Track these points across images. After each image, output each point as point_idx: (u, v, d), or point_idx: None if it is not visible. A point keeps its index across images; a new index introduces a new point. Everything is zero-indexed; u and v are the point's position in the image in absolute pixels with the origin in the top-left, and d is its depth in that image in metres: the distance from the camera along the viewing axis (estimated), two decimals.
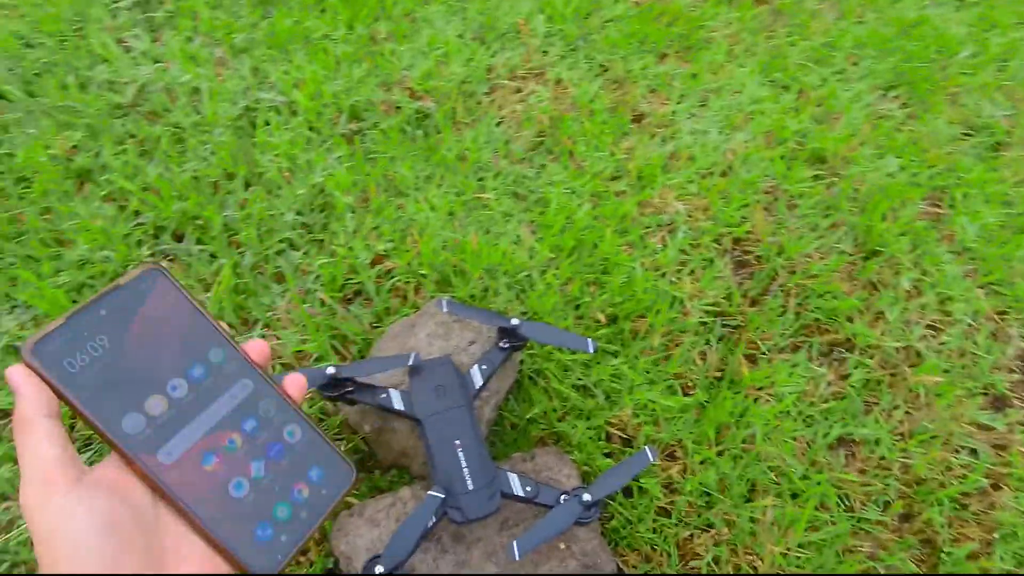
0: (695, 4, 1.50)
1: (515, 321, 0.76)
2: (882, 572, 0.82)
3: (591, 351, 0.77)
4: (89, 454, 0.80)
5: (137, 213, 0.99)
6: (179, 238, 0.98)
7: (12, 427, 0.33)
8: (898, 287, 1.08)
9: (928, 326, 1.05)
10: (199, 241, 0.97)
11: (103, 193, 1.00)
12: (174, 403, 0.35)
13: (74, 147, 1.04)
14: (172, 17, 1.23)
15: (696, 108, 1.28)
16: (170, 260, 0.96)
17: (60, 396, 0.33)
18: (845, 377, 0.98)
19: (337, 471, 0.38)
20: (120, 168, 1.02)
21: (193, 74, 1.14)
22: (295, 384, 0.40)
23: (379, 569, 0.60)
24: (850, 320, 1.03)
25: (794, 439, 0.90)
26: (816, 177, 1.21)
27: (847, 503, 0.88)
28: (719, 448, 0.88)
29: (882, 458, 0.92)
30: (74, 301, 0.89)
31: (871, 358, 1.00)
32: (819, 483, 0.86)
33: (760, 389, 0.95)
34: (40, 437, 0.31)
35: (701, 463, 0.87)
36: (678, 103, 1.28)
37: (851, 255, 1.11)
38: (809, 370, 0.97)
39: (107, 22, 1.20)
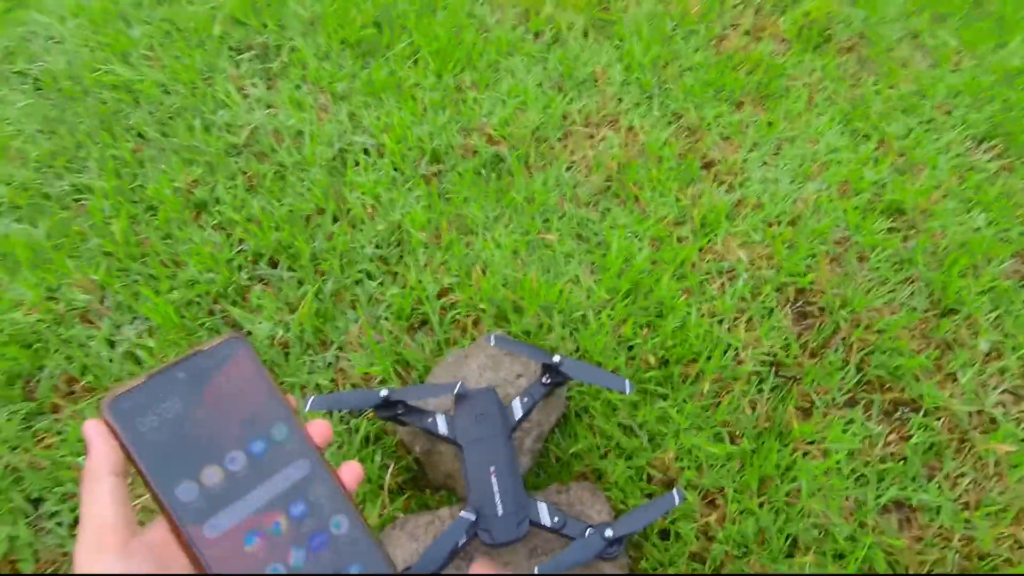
0: (778, 51, 1.50)
1: (557, 358, 0.80)
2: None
3: (627, 392, 0.81)
4: None
5: (240, 241, 1.12)
6: (273, 264, 1.10)
7: (81, 478, 0.35)
8: (975, 348, 1.03)
9: (1006, 392, 1.00)
10: (290, 268, 1.09)
11: (214, 222, 1.15)
12: (229, 476, 0.35)
13: (194, 181, 1.20)
14: (285, 67, 1.39)
15: (769, 156, 1.29)
16: (264, 284, 1.08)
17: (127, 454, 0.34)
18: (906, 438, 0.95)
19: (377, 570, 0.36)
20: (230, 201, 1.16)
21: (298, 118, 1.28)
22: (352, 472, 0.39)
23: None
24: (917, 379, 1.00)
25: (843, 498, 0.89)
26: (891, 230, 1.18)
27: (897, 569, 0.85)
28: (761, 499, 0.88)
29: (941, 527, 0.88)
30: (182, 316, 1.03)
31: (937, 420, 0.96)
32: (867, 546, 0.84)
33: (810, 444, 0.94)
34: (103, 494, 0.33)
35: (741, 513, 0.87)
36: (750, 151, 1.29)
37: (924, 312, 1.07)
38: (865, 428, 0.95)
39: (231, 72, 1.38)
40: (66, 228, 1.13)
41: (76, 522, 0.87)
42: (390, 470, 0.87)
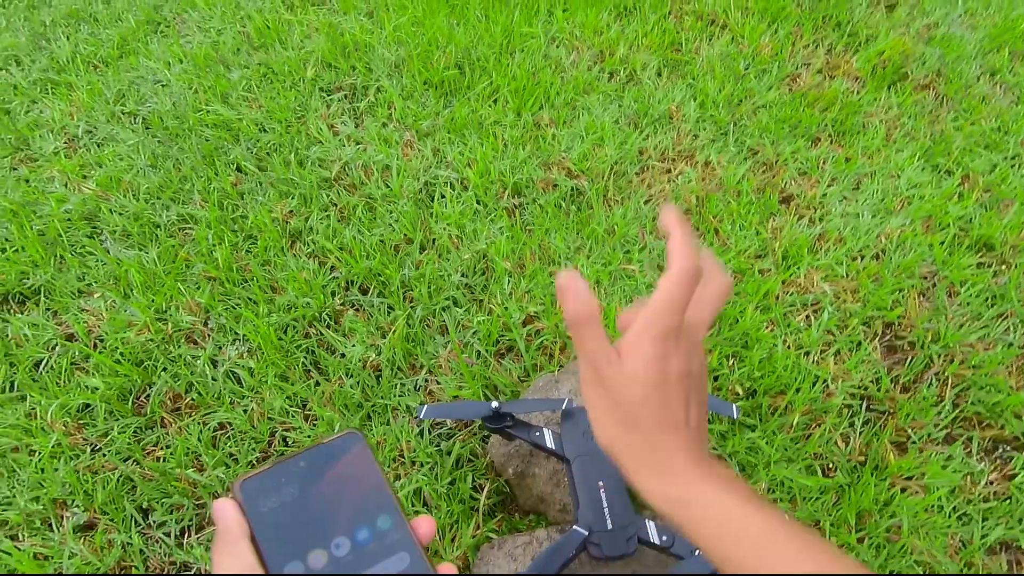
0: (853, 89, 1.51)
1: None
2: None
3: (735, 416, 0.81)
4: None
5: (333, 268, 1.17)
6: (364, 291, 1.15)
7: (214, 544, 0.37)
8: None
9: None
10: (380, 294, 1.14)
11: (308, 251, 1.21)
12: (333, 560, 0.37)
13: (290, 212, 1.27)
14: (373, 107, 1.47)
15: (848, 191, 1.29)
16: (356, 309, 1.13)
17: (251, 529, 0.37)
18: (1010, 477, 0.92)
19: None
20: (323, 231, 1.22)
21: (386, 154, 1.35)
22: (426, 526, 0.40)
23: None
24: (1018, 417, 0.97)
25: (947, 536, 0.86)
26: (981, 265, 1.16)
27: None
28: (860, 534, 0.86)
29: None
30: (280, 338, 1.08)
31: None
32: None
33: (909, 479, 0.91)
34: (243, 550, 0.36)
35: (839, 547, 0.86)
36: (829, 186, 1.29)
37: (1021, 348, 1.05)
38: (966, 465, 0.92)
39: (322, 111, 1.46)
40: (174, 254, 1.20)
41: (182, 532, 0.91)
42: (484, 492, 0.89)
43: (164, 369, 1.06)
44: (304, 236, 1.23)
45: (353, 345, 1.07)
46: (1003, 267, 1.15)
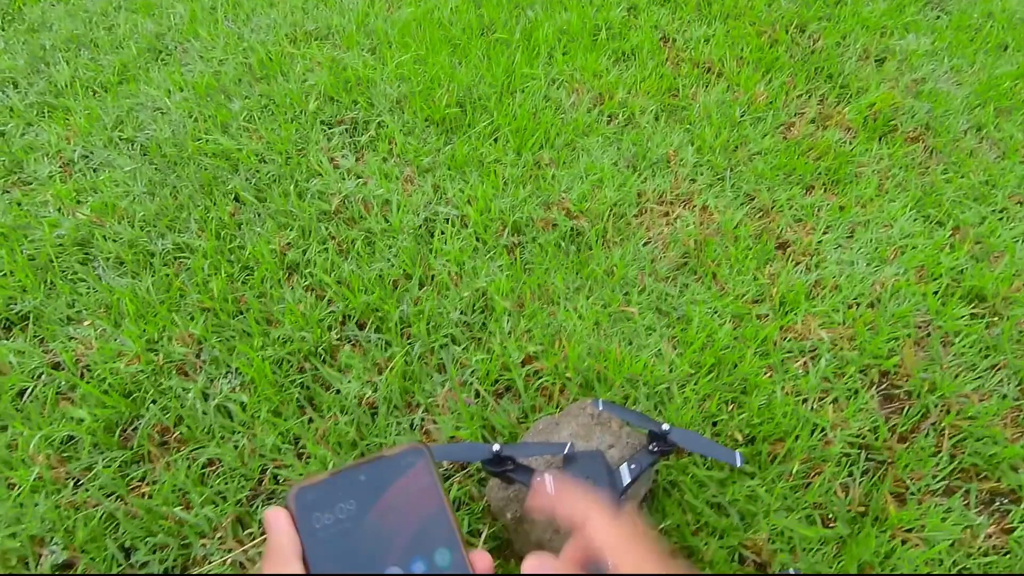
0: (845, 139, 1.55)
1: (666, 426, 0.80)
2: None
3: (738, 464, 0.80)
4: None
5: (330, 302, 1.16)
6: (361, 326, 1.14)
7: (265, 557, 0.36)
8: None
9: None
10: (377, 330, 1.12)
11: (306, 283, 1.20)
12: None
13: (288, 244, 1.26)
14: (374, 141, 1.48)
15: (843, 239, 1.31)
16: (353, 344, 1.11)
17: (302, 543, 0.35)
18: (1008, 531, 0.92)
19: None
20: (321, 264, 1.21)
21: (386, 188, 1.35)
22: (483, 561, 0.38)
23: None
24: (1015, 469, 0.97)
25: None
26: (974, 316, 1.17)
27: None
28: None
29: None
30: (274, 373, 1.06)
31: None
32: None
33: (909, 531, 0.91)
34: (291, 567, 0.34)
35: None
36: (824, 233, 1.31)
37: (1015, 400, 1.06)
38: (965, 517, 0.92)
39: (323, 144, 1.46)
40: (168, 284, 1.18)
41: (165, 573, 0.88)
42: (482, 536, 0.87)
43: (153, 401, 1.04)
44: (302, 269, 1.22)
45: (349, 381, 1.05)
46: (995, 318, 1.17)
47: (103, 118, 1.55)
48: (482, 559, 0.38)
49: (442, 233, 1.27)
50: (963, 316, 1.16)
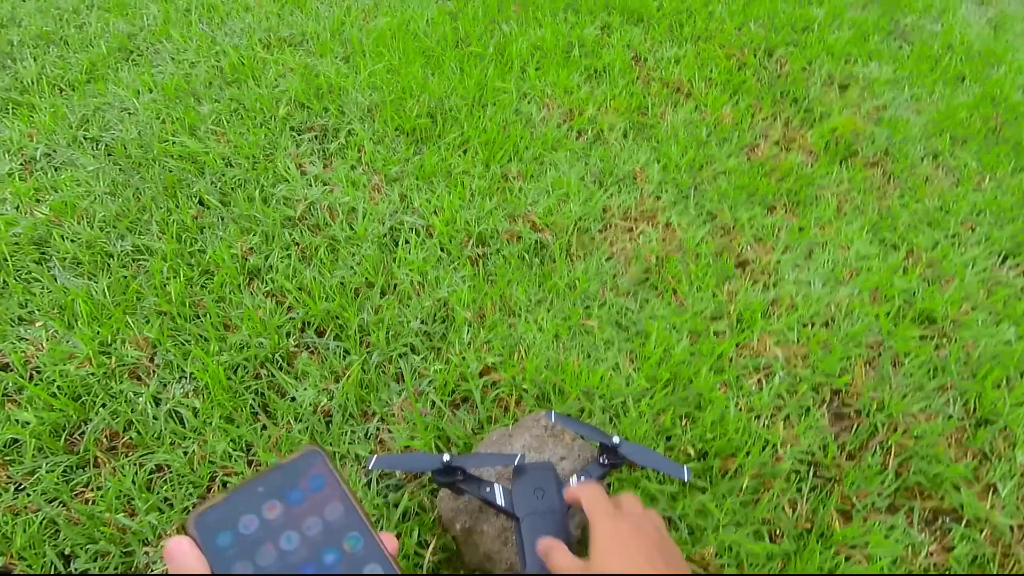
0: (807, 162, 1.58)
1: (616, 439, 0.81)
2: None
3: (686, 479, 0.81)
4: None
5: (290, 308, 1.15)
6: (320, 333, 1.13)
7: None
8: (1013, 460, 1.03)
9: None
10: (336, 337, 1.12)
11: (266, 289, 1.19)
12: None
13: (250, 249, 1.25)
14: (343, 148, 1.48)
15: (801, 259, 1.33)
16: (311, 352, 1.11)
17: (210, 566, 0.36)
18: (949, 549, 0.94)
19: None
20: (283, 269, 1.20)
21: (352, 196, 1.35)
22: (389, 543, 0.40)
23: None
24: (957, 488, 1.00)
25: None
26: (923, 337, 1.20)
27: None
28: None
29: None
30: (230, 378, 1.05)
31: (980, 532, 0.95)
32: None
33: (853, 548, 0.92)
34: None
35: None
36: (783, 253, 1.34)
37: (960, 420, 1.08)
38: (908, 535, 0.94)
39: (291, 150, 1.46)
40: (125, 286, 1.17)
41: None
42: (430, 548, 0.87)
43: (103, 405, 1.02)
44: (263, 274, 1.21)
45: (305, 388, 1.04)
46: (944, 340, 1.20)
47: (68, 116, 1.53)
48: (390, 540, 0.39)
49: (407, 242, 1.28)
50: (913, 337, 1.19)
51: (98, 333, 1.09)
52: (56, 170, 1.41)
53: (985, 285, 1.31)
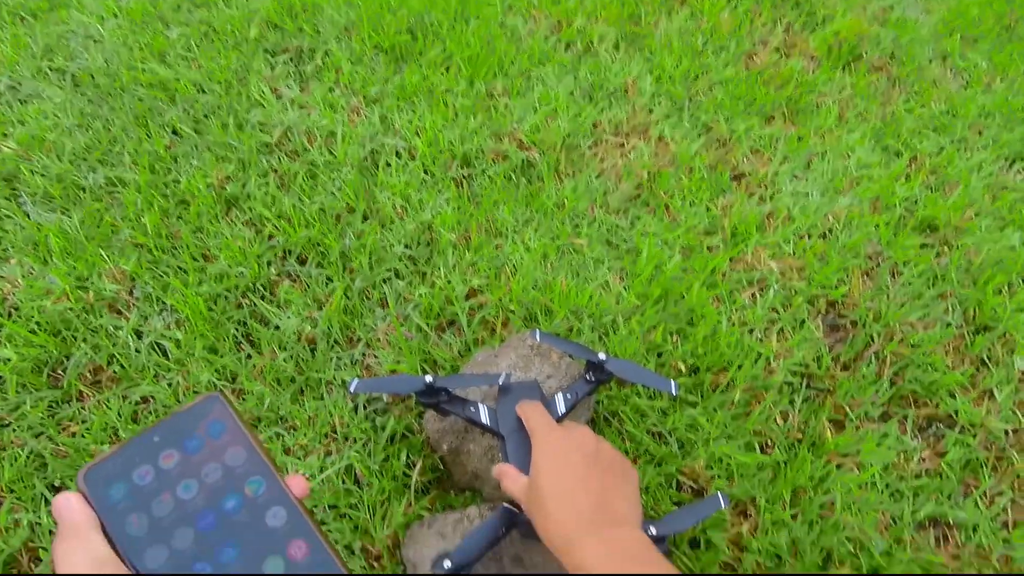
0: (808, 68, 1.51)
1: (602, 356, 0.79)
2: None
3: (674, 393, 0.80)
4: None
5: (270, 237, 1.12)
6: (302, 261, 1.10)
7: (58, 539, 0.33)
8: (1011, 366, 1.01)
9: None
10: (319, 265, 1.09)
11: (245, 218, 1.15)
12: (199, 536, 0.35)
13: (227, 177, 1.20)
14: (319, 70, 1.41)
15: (799, 170, 1.28)
16: (293, 280, 1.08)
17: (102, 522, 0.34)
18: (942, 455, 0.93)
19: None
20: (261, 197, 1.16)
21: (331, 119, 1.29)
22: (298, 485, 0.38)
23: (447, 564, 0.64)
24: (952, 396, 0.98)
25: (878, 512, 0.87)
26: (924, 246, 1.17)
27: None
28: (794, 511, 0.86)
29: (980, 547, 0.86)
30: (211, 309, 1.03)
31: (973, 437, 0.94)
32: (903, 561, 0.82)
33: (844, 456, 0.92)
34: (94, 542, 0.32)
35: (773, 524, 0.86)
36: (781, 164, 1.28)
37: (958, 328, 1.06)
38: (900, 442, 0.93)
39: (266, 73, 1.39)
40: (98, 219, 1.13)
41: None
42: (417, 468, 0.86)
43: (84, 340, 1.00)
44: (241, 203, 1.18)
45: (288, 317, 1.02)
46: (945, 248, 1.16)
47: (31, 47, 1.46)
48: (297, 483, 0.37)
49: (388, 165, 1.23)
50: (914, 246, 1.16)
51: (74, 268, 1.07)
52: (22, 103, 1.35)
53: (991, 190, 1.26)
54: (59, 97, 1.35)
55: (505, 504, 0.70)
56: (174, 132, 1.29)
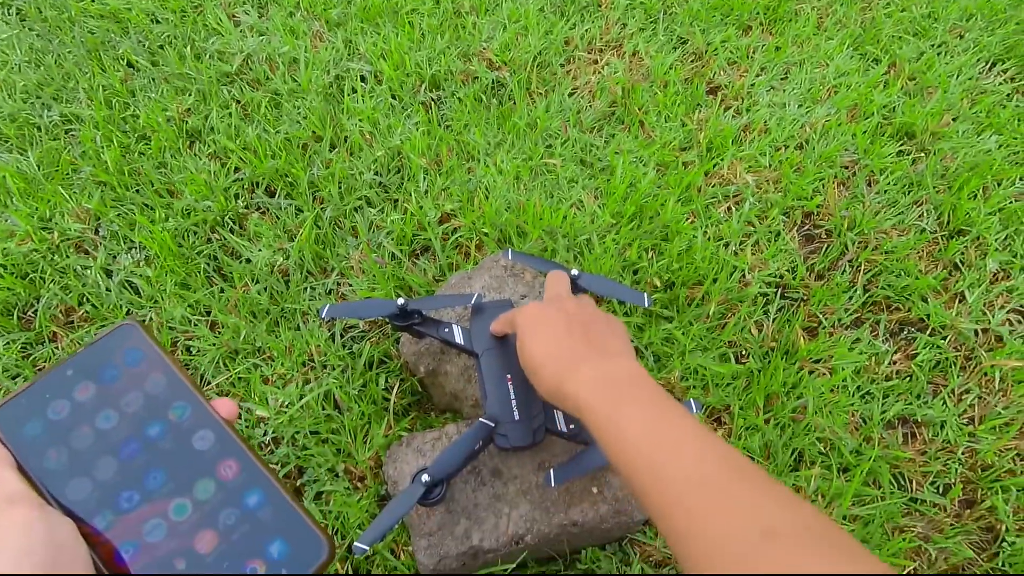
0: None
1: (575, 272, 0.79)
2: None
3: (647, 306, 0.80)
4: None
5: (236, 169, 1.09)
6: (271, 193, 1.08)
7: None
8: (983, 268, 1.02)
9: (1014, 310, 0.99)
10: (287, 196, 1.07)
11: (209, 151, 1.12)
12: (123, 465, 0.34)
13: (187, 110, 1.16)
14: None
15: (776, 81, 1.25)
16: (262, 212, 1.06)
17: (18, 462, 0.33)
18: (912, 356, 0.95)
19: (306, 546, 0.33)
20: (224, 129, 1.13)
21: (292, 46, 1.24)
22: (226, 408, 0.37)
23: (425, 478, 0.66)
24: (924, 300, 0.99)
25: (849, 414, 0.89)
26: (901, 153, 1.15)
27: (902, 482, 0.85)
28: (767, 416, 0.88)
29: (946, 441, 0.88)
30: (180, 244, 1.01)
31: (943, 339, 0.96)
32: (872, 458, 0.84)
33: (817, 362, 0.93)
34: (3, 480, 0.31)
35: (747, 429, 0.88)
36: (757, 75, 1.25)
37: (932, 233, 1.06)
38: (872, 346, 0.94)
39: None
40: (57, 158, 1.10)
41: None
42: (395, 391, 0.87)
43: (53, 281, 0.99)
44: (204, 136, 1.14)
45: (259, 249, 1.01)
46: (922, 154, 1.15)
47: None
48: (224, 405, 0.37)
49: (354, 91, 1.19)
50: (890, 154, 1.14)
51: (36, 209, 1.04)
52: None
53: (969, 95, 1.24)
54: (5, 33, 1.28)
55: (481, 419, 0.71)
56: (129, 65, 1.24)
